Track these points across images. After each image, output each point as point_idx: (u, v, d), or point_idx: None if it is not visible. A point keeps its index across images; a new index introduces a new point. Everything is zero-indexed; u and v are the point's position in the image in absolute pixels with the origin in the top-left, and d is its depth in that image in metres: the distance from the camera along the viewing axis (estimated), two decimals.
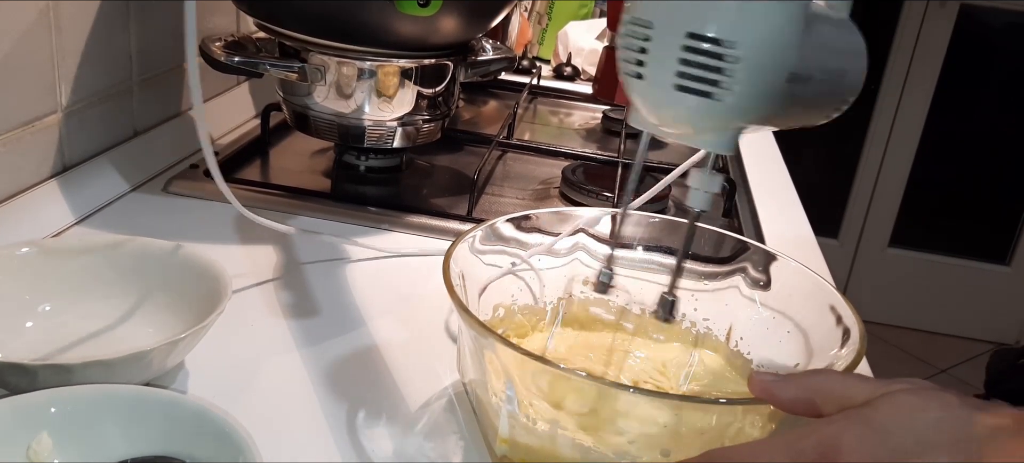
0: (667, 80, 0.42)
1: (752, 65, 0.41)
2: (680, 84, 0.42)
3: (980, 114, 2.72)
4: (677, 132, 0.46)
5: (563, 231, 0.62)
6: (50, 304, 0.58)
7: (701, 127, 0.44)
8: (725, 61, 0.41)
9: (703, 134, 0.45)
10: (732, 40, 0.41)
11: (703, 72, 0.42)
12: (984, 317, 2.84)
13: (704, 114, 0.43)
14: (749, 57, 0.41)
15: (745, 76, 0.41)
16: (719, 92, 0.42)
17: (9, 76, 0.69)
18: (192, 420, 0.45)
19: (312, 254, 0.74)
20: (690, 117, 0.44)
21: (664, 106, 0.44)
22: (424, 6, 0.75)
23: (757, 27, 0.41)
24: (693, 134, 0.45)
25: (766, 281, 0.59)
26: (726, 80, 0.41)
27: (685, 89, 0.42)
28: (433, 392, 0.57)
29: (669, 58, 0.42)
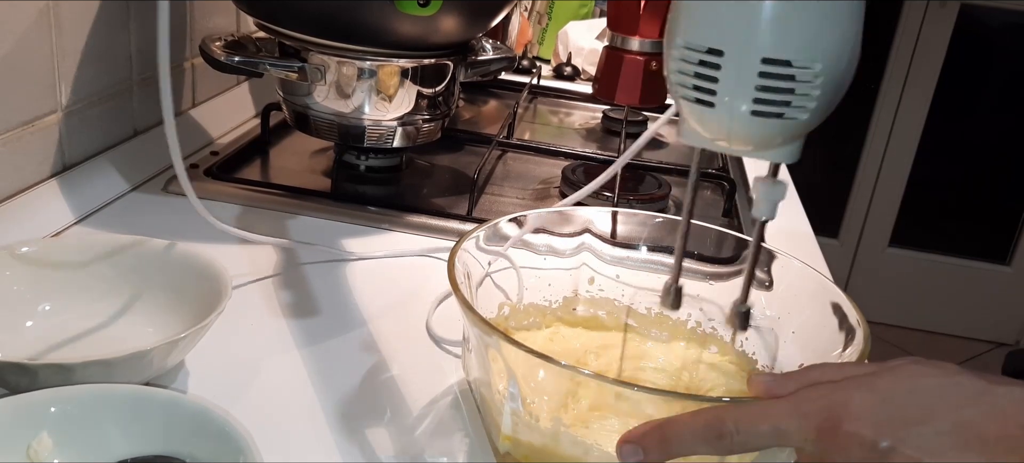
0: (742, 106, 0.41)
1: (828, 81, 0.41)
2: (756, 110, 0.41)
3: (980, 114, 2.72)
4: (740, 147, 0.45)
5: (565, 231, 0.62)
6: (50, 303, 0.57)
7: (769, 143, 0.44)
8: (799, 80, 0.40)
9: (769, 148, 0.44)
10: (808, 62, 0.40)
11: (780, 96, 0.41)
12: (984, 317, 2.84)
13: (777, 131, 0.42)
14: (825, 74, 0.40)
15: (821, 93, 0.41)
16: (792, 110, 0.41)
17: (9, 76, 0.68)
18: (192, 420, 0.44)
19: (312, 254, 0.74)
20: (763, 136, 0.43)
21: (736, 129, 0.43)
22: (424, 6, 0.75)
23: (833, 43, 0.40)
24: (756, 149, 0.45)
25: (770, 281, 0.59)
26: (800, 98, 0.41)
27: (761, 114, 0.41)
28: (438, 391, 0.56)
29: (745, 84, 0.41)
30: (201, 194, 0.82)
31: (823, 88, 0.41)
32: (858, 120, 2.73)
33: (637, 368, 0.59)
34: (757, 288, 0.60)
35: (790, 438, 0.38)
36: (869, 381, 0.39)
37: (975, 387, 0.37)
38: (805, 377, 0.42)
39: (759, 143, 0.44)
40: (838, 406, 0.38)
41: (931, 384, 0.38)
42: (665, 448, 0.40)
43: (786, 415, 0.39)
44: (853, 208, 2.82)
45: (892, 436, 0.36)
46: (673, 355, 0.60)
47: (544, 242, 0.62)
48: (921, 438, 0.36)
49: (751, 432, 0.39)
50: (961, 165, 2.77)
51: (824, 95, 0.41)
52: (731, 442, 0.39)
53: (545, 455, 0.47)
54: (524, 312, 0.61)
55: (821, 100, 0.41)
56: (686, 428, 0.40)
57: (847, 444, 0.37)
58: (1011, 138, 2.71)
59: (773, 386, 0.42)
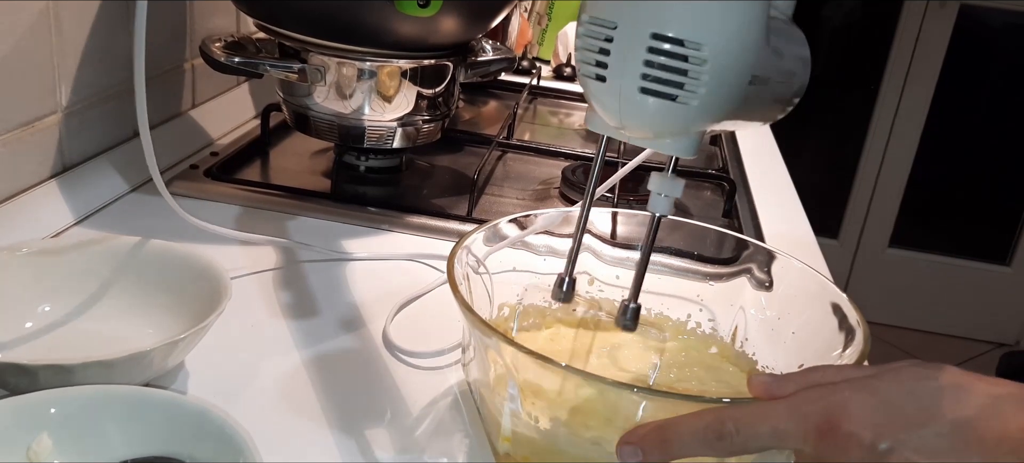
0: (631, 82, 0.41)
1: (718, 67, 0.41)
2: (644, 86, 0.41)
3: (980, 114, 2.72)
4: (638, 135, 0.45)
5: (565, 231, 0.62)
6: (50, 304, 0.57)
7: (664, 130, 0.44)
8: (690, 62, 0.40)
9: (664, 137, 0.44)
10: (698, 41, 0.40)
11: (668, 74, 0.41)
12: (984, 317, 2.84)
13: (668, 117, 0.42)
14: (715, 58, 0.40)
15: (710, 78, 0.41)
16: (684, 94, 0.41)
17: (9, 76, 0.68)
18: (192, 420, 0.44)
19: (312, 253, 0.74)
20: (654, 120, 0.43)
21: (627, 109, 0.43)
22: (424, 7, 0.75)
23: (723, 28, 0.40)
24: (654, 138, 0.45)
25: (770, 281, 0.59)
26: (691, 82, 0.41)
27: (649, 92, 0.41)
28: (438, 391, 0.56)
29: (634, 59, 0.41)
30: (201, 195, 0.82)
31: (712, 75, 0.41)
32: (858, 120, 2.73)
33: (636, 368, 0.59)
34: (760, 288, 0.60)
35: (789, 439, 0.38)
36: (868, 383, 0.39)
37: (974, 389, 0.37)
38: (805, 379, 0.42)
39: (654, 128, 0.44)
40: (837, 407, 0.38)
41: (930, 386, 0.38)
42: (665, 449, 0.40)
43: (785, 416, 0.39)
44: (853, 208, 2.82)
45: (891, 438, 0.36)
46: (672, 355, 0.60)
47: (544, 243, 0.62)
48: (920, 440, 0.36)
49: (750, 433, 0.39)
50: (961, 165, 2.77)
51: (715, 84, 0.41)
52: (731, 443, 0.39)
53: (544, 455, 0.47)
54: (524, 313, 0.61)
55: (712, 89, 0.41)
56: (686, 429, 0.40)
57: (846, 445, 0.37)
58: (1011, 138, 2.71)
59: (773, 387, 0.42)
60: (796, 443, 0.38)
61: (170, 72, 0.94)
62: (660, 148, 0.46)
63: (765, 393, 0.42)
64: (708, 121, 0.43)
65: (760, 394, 0.42)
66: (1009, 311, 2.82)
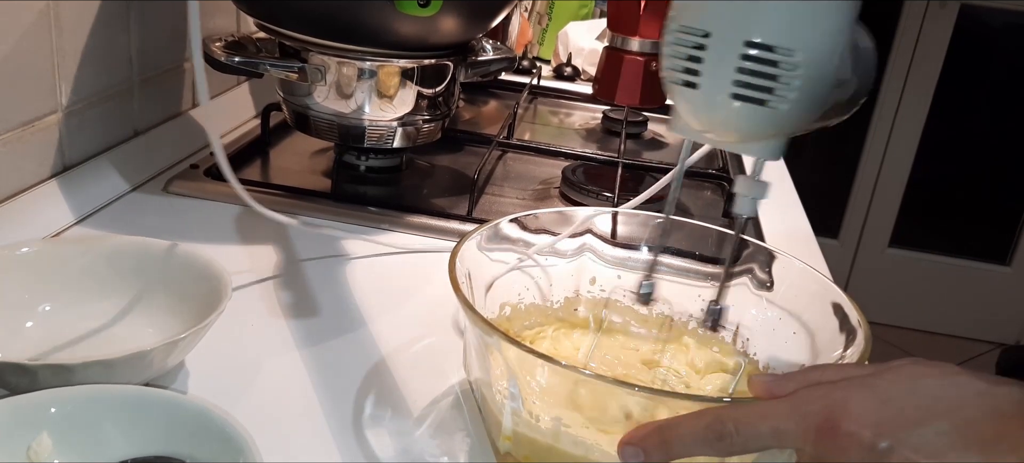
0: (723, 89, 0.42)
1: (809, 72, 0.41)
2: (736, 92, 0.42)
3: (980, 114, 2.72)
4: (725, 139, 0.45)
5: (566, 231, 0.62)
6: (50, 304, 0.57)
7: (753, 134, 0.44)
8: (782, 68, 0.41)
9: (752, 142, 0.45)
10: (790, 48, 0.41)
11: (760, 80, 0.41)
12: (984, 317, 2.84)
13: (758, 122, 0.43)
14: (806, 64, 0.41)
15: (801, 84, 0.41)
16: (775, 99, 0.41)
17: (9, 76, 0.68)
18: (192, 420, 0.44)
19: (313, 253, 0.74)
20: (744, 125, 0.43)
21: (717, 115, 0.43)
22: (424, 6, 0.75)
23: (815, 34, 0.41)
24: (741, 142, 0.45)
25: (772, 281, 0.59)
26: (782, 88, 0.41)
27: (741, 97, 0.42)
28: (439, 390, 0.56)
29: (726, 67, 0.42)
30: (201, 194, 0.82)
31: (804, 80, 0.41)
32: (858, 120, 2.73)
33: (638, 368, 0.59)
34: (761, 288, 0.60)
35: (789, 438, 0.38)
36: (869, 381, 0.39)
37: (974, 387, 0.37)
38: (805, 378, 0.42)
39: (742, 133, 0.44)
40: (837, 406, 0.38)
41: (931, 384, 0.38)
42: (666, 449, 0.40)
43: (785, 416, 0.39)
44: (853, 208, 2.82)
45: (891, 436, 0.36)
46: (674, 355, 0.60)
47: (545, 243, 0.62)
48: (920, 438, 0.36)
49: (751, 433, 0.39)
50: (961, 165, 2.77)
51: (805, 88, 0.41)
52: (731, 443, 0.39)
53: (546, 455, 0.47)
54: (525, 312, 0.61)
55: (803, 93, 0.41)
56: (686, 429, 0.40)
57: (846, 444, 0.37)
58: (1011, 138, 2.71)
59: (773, 387, 0.42)
60: (796, 442, 0.38)
61: (170, 72, 0.94)
62: (747, 151, 0.46)
63: (766, 393, 0.42)
64: (796, 125, 0.44)
65: (761, 394, 0.42)
66: (1009, 311, 2.82)
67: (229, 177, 0.62)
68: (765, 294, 0.59)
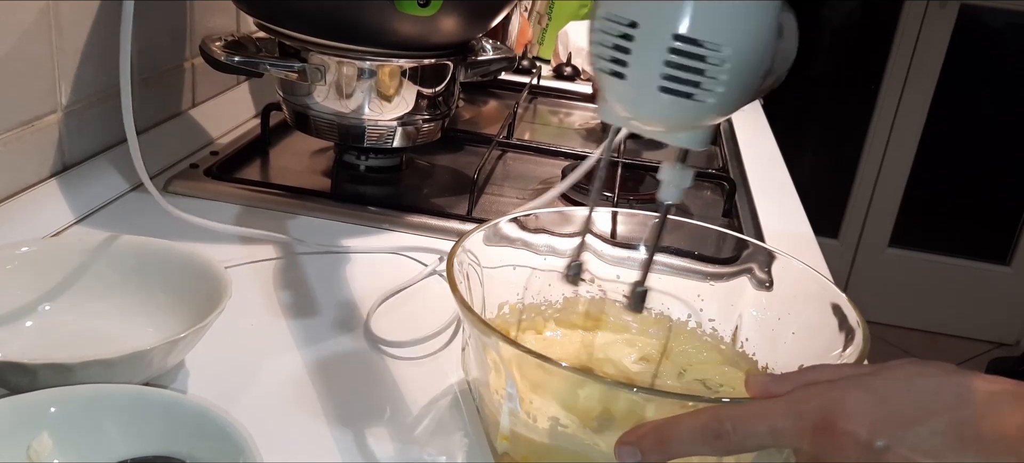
0: (651, 81, 0.42)
1: (737, 67, 0.41)
2: (664, 86, 0.42)
3: (980, 114, 2.72)
4: (652, 129, 0.46)
5: (566, 231, 0.62)
6: (50, 303, 0.57)
7: (679, 125, 0.44)
8: (709, 62, 0.41)
9: (678, 131, 0.45)
10: (718, 43, 0.41)
11: (688, 74, 0.41)
12: (984, 317, 2.84)
13: (685, 114, 0.43)
14: (735, 59, 0.41)
15: (729, 78, 0.41)
16: (701, 93, 0.42)
17: (9, 76, 0.68)
18: (192, 420, 0.44)
19: (313, 254, 0.74)
20: (671, 117, 0.43)
21: (645, 106, 0.44)
22: (424, 6, 0.75)
23: (743, 29, 0.41)
24: (667, 131, 0.45)
25: (770, 282, 0.59)
26: (709, 81, 0.41)
27: (668, 90, 0.42)
28: (438, 391, 0.56)
29: (654, 59, 0.41)
30: (201, 194, 0.82)
31: (731, 74, 0.41)
32: (858, 120, 2.73)
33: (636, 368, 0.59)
34: (760, 288, 0.60)
35: (786, 437, 0.38)
36: (866, 381, 0.39)
37: (972, 387, 0.37)
38: (802, 378, 0.42)
39: (668, 124, 0.44)
40: (834, 405, 0.38)
41: (928, 383, 0.38)
42: (663, 449, 0.40)
43: (782, 414, 0.39)
44: (853, 208, 2.82)
45: (888, 435, 0.36)
46: (673, 355, 0.60)
47: (544, 242, 0.62)
48: (917, 437, 0.36)
49: (747, 432, 0.39)
50: (961, 165, 2.77)
51: (732, 82, 0.41)
52: (728, 442, 0.39)
53: (543, 455, 0.47)
54: (524, 312, 0.61)
55: (730, 87, 0.41)
56: (684, 429, 0.40)
57: (843, 443, 0.37)
58: (1011, 138, 2.71)
59: (770, 386, 0.42)
60: (793, 441, 0.38)
61: (170, 71, 0.94)
62: (673, 141, 0.46)
63: (762, 393, 0.42)
64: (723, 115, 0.44)
65: (757, 394, 0.42)
66: (1009, 311, 2.82)
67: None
68: (764, 294, 0.59)
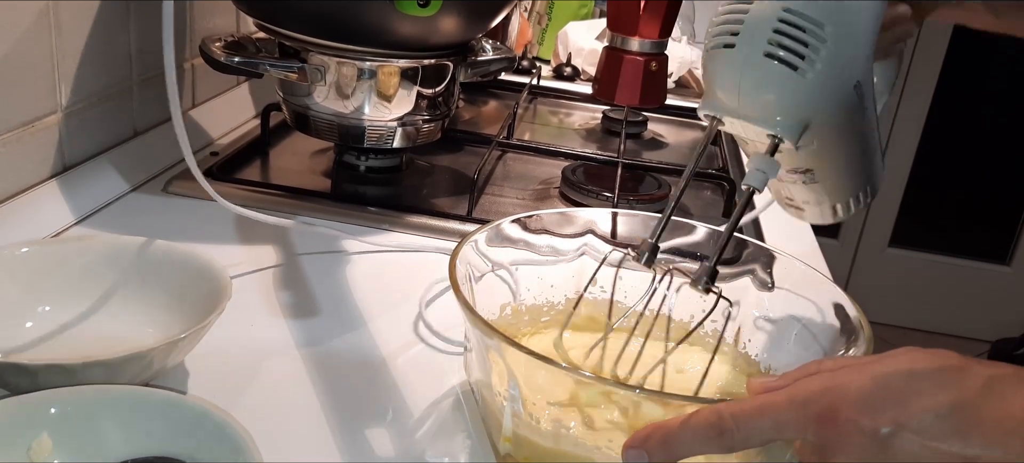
0: (759, 47, 0.46)
1: (834, 49, 0.45)
2: (768, 51, 0.46)
3: (980, 114, 2.72)
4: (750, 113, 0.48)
5: (568, 231, 0.62)
6: (50, 304, 0.57)
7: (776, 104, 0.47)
8: (811, 36, 0.45)
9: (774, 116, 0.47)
10: (821, 21, 0.45)
11: (792, 43, 0.45)
12: (985, 317, 2.84)
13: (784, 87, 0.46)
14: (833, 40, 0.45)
15: (827, 56, 0.45)
16: (803, 65, 0.45)
17: (9, 76, 0.68)
18: (192, 420, 0.44)
19: (313, 254, 0.74)
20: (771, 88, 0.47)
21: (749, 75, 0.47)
22: (424, 6, 0.75)
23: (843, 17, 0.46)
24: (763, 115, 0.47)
25: (772, 282, 0.59)
26: (811, 55, 0.45)
27: (772, 56, 0.46)
28: (440, 392, 0.56)
29: (763, 30, 0.46)
30: (201, 194, 0.82)
31: (830, 52, 0.45)
32: None
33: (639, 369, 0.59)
34: (762, 289, 0.59)
35: (790, 428, 0.38)
36: (867, 369, 0.39)
37: (973, 372, 0.37)
38: (804, 371, 0.41)
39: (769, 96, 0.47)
40: (836, 393, 0.37)
41: (929, 369, 0.38)
42: (668, 449, 0.40)
43: (784, 407, 0.38)
44: None
45: (892, 422, 0.36)
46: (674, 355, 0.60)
47: (546, 243, 0.62)
48: (921, 423, 0.36)
49: (751, 427, 0.39)
50: (961, 165, 2.77)
51: (831, 62, 0.46)
52: (731, 439, 0.39)
53: (546, 456, 0.47)
54: (526, 313, 0.61)
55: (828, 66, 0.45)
56: (687, 428, 0.40)
57: (847, 431, 0.37)
58: (1011, 138, 2.71)
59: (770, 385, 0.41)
60: (797, 433, 0.38)
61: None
62: (766, 126, 0.48)
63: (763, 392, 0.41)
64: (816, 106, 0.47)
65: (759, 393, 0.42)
66: (1009, 311, 2.82)
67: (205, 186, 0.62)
68: (766, 295, 0.59)
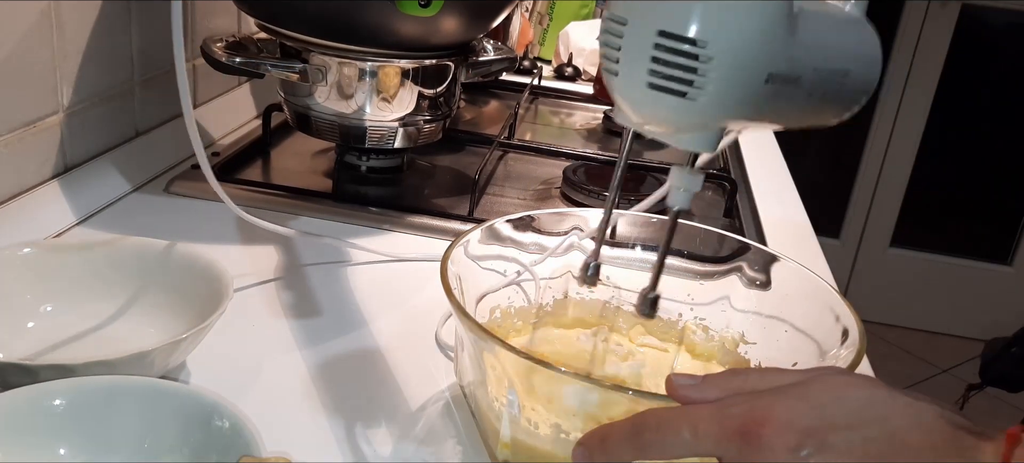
0: (640, 78, 0.42)
1: (725, 65, 0.40)
2: (652, 82, 0.42)
3: (981, 114, 2.72)
4: (658, 130, 0.45)
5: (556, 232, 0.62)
6: (52, 304, 0.58)
7: (679, 125, 0.44)
8: (697, 61, 0.40)
9: (683, 133, 0.45)
10: (703, 40, 0.40)
11: (675, 71, 0.41)
12: (986, 317, 2.83)
13: (680, 113, 0.42)
14: (721, 57, 0.40)
15: (719, 76, 0.40)
16: (693, 91, 0.41)
17: (11, 77, 0.69)
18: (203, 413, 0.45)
19: (313, 255, 0.74)
20: (666, 116, 0.43)
21: (640, 104, 0.43)
22: (425, 6, 0.75)
23: (729, 27, 0.40)
24: (673, 133, 0.45)
25: (763, 281, 0.59)
26: (699, 80, 0.41)
27: (658, 88, 0.42)
28: (429, 395, 0.56)
29: (641, 56, 0.41)
30: (202, 195, 0.82)
31: (722, 72, 0.40)
32: (859, 120, 2.71)
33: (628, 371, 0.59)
34: (751, 287, 0.59)
35: (710, 441, 0.37)
36: (795, 390, 0.38)
37: (902, 400, 0.37)
38: (728, 384, 0.40)
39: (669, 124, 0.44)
40: (764, 409, 0.37)
41: (860, 395, 0.37)
42: (603, 449, 0.39)
43: (707, 417, 0.37)
44: (854, 208, 2.82)
45: (818, 440, 0.35)
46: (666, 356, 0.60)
47: (535, 242, 0.62)
48: (849, 442, 0.35)
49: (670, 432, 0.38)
50: (962, 165, 2.77)
51: (726, 80, 0.41)
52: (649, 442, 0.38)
53: (545, 461, 0.46)
54: (515, 315, 0.60)
55: (723, 85, 0.41)
56: (619, 429, 0.39)
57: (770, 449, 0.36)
58: (1012, 138, 2.71)
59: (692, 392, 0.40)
60: (716, 445, 0.37)
61: (171, 72, 0.93)
62: (679, 143, 0.46)
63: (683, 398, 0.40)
64: (722, 117, 0.43)
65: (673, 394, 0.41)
66: (1010, 311, 2.81)
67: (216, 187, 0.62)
68: (757, 294, 0.59)
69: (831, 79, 0.46)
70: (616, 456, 0.39)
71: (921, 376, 2.59)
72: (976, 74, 2.66)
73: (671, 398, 0.40)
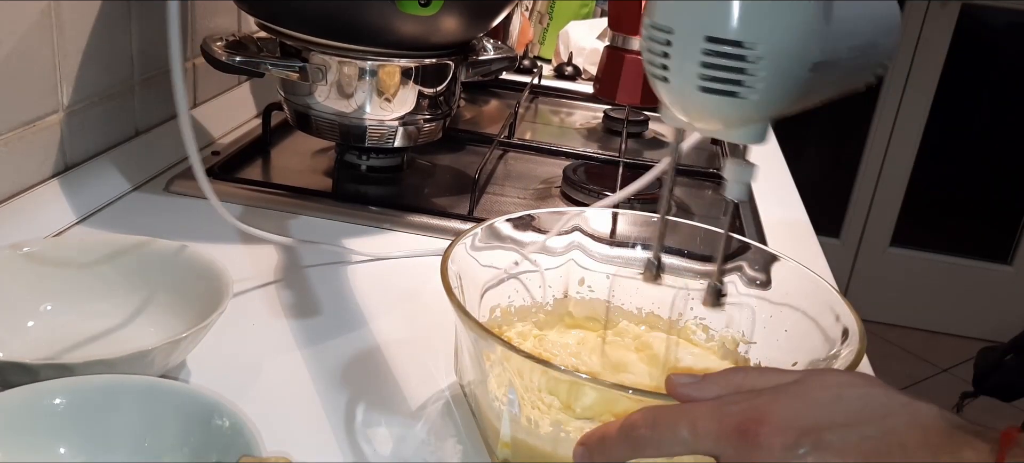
0: (691, 83, 0.43)
1: (773, 63, 0.42)
2: (704, 85, 0.43)
3: (981, 113, 2.72)
4: (707, 127, 0.47)
5: (557, 228, 0.62)
6: (52, 304, 0.58)
7: (729, 122, 0.45)
8: (746, 61, 0.42)
9: (733, 128, 0.46)
10: (751, 41, 0.41)
11: (726, 73, 0.42)
12: (986, 317, 2.84)
13: (731, 111, 0.44)
14: (770, 55, 0.41)
15: (768, 74, 0.42)
16: (744, 90, 0.42)
17: (11, 76, 0.69)
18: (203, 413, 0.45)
19: (313, 254, 0.74)
20: (718, 114, 0.44)
21: (691, 106, 0.45)
22: (425, 6, 0.75)
23: (775, 26, 0.41)
24: (723, 129, 0.46)
25: (763, 280, 0.59)
26: (749, 79, 0.42)
27: (710, 90, 0.43)
28: (430, 394, 0.57)
29: (691, 61, 0.43)
30: (202, 194, 0.82)
31: (770, 70, 0.42)
32: (859, 120, 2.73)
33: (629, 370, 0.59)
34: (752, 286, 0.59)
35: (708, 438, 0.37)
36: (794, 389, 0.38)
37: (899, 400, 0.37)
38: (728, 381, 0.40)
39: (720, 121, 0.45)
40: (762, 408, 0.37)
41: (857, 394, 0.37)
42: (603, 449, 0.39)
43: (706, 415, 0.38)
44: (854, 208, 2.82)
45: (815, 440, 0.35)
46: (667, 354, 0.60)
47: (535, 241, 0.62)
48: (845, 440, 0.35)
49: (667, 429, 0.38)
50: (962, 164, 2.77)
51: (775, 77, 0.42)
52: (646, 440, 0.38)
53: (546, 460, 0.46)
54: (516, 314, 0.60)
55: (772, 81, 0.42)
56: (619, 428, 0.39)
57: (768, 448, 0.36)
58: (1012, 138, 2.71)
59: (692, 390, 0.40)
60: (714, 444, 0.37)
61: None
62: (728, 137, 0.47)
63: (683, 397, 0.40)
64: (772, 110, 0.44)
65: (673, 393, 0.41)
66: (1011, 310, 2.82)
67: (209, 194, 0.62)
68: (757, 293, 0.59)
69: (863, 53, 0.48)
70: (616, 455, 0.39)
71: (921, 376, 2.59)
72: (976, 74, 2.66)
73: (671, 397, 0.41)
